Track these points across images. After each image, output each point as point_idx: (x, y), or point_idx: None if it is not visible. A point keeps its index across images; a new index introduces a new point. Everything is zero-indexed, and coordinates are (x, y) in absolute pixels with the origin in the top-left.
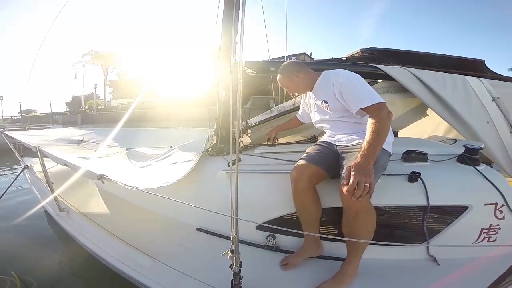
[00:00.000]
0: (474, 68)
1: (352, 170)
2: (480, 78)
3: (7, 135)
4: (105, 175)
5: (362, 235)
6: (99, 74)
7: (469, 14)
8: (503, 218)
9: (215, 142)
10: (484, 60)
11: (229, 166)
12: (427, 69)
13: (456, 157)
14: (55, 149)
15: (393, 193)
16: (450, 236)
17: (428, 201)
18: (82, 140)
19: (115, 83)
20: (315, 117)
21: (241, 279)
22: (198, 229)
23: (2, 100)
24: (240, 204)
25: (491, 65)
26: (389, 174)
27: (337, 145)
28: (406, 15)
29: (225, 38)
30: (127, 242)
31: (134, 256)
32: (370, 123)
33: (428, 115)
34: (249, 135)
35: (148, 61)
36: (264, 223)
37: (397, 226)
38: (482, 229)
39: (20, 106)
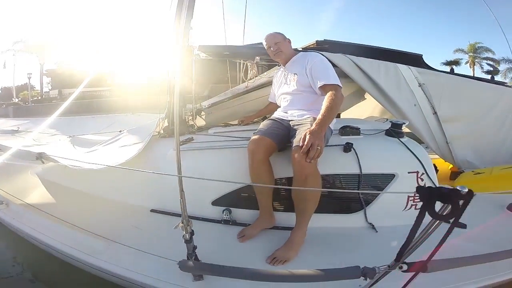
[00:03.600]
0: (413, 61)
1: (307, 134)
2: (409, 66)
3: None
4: (44, 153)
5: (310, 199)
6: (34, 63)
7: (417, 10)
8: (424, 186)
9: (167, 124)
10: (422, 55)
11: (180, 145)
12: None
13: (385, 131)
14: None
15: (331, 162)
16: (383, 204)
17: (360, 169)
18: (17, 130)
19: (54, 72)
20: (280, 89)
21: (195, 248)
22: (152, 210)
23: None
24: (193, 180)
25: (428, 59)
26: (327, 146)
27: (289, 120)
28: (363, 10)
29: (176, 21)
30: (78, 227)
31: (85, 241)
32: (327, 99)
33: (366, 98)
34: (203, 117)
35: (92, 47)
36: (218, 198)
37: (336, 194)
38: (408, 197)
39: None
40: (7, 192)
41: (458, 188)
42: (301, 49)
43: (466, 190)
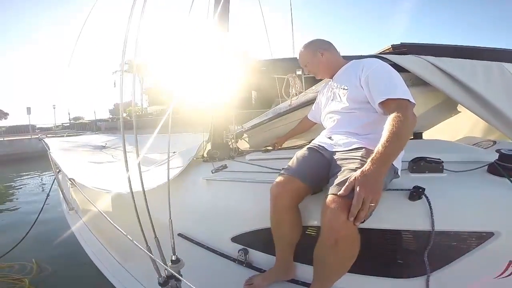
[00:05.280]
0: None
1: (357, 182)
2: None
3: (45, 142)
4: (72, 179)
5: (335, 268)
6: (137, 82)
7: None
8: None
9: (210, 148)
10: None
11: (212, 173)
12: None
13: (487, 166)
14: (76, 153)
15: (388, 213)
16: (464, 267)
17: (433, 226)
18: (105, 146)
19: (150, 91)
20: (326, 107)
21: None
22: (179, 234)
23: (55, 108)
24: (217, 212)
25: None
26: (387, 189)
27: (333, 151)
28: (441, 7)
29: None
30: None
31: (107, 255)
32: (392, 121)
33: (460, 111)
34: (247, 139)
35: (176, 68)
36: (238, 235)
37: (390, 255)
38: (510, 261)
39: (69, 114)
40: (78, 201)
41: None
42: (376, 54)
43: None
